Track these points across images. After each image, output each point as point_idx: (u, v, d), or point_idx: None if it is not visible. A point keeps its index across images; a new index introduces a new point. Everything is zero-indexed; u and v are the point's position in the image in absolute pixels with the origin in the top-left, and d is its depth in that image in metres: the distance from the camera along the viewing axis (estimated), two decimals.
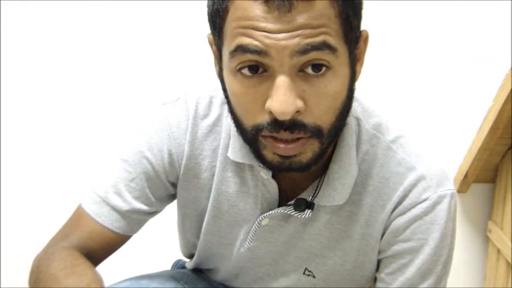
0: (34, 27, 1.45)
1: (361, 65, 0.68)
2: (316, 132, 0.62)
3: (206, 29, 0.68)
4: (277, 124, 0.60)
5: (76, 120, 1.50)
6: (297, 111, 0.59)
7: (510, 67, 1.16)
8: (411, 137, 0.76)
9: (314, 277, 0.80)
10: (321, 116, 0.61)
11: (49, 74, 1.48)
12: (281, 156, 0.64)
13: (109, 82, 1.48)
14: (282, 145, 0.62)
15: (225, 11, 0.59)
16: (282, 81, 0.58)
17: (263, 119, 0.61)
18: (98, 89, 1.49)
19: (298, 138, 0.62)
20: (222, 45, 0.62)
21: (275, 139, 0.62)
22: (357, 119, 0.75)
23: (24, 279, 0.76)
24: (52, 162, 1.53)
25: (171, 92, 0.81)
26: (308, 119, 0.61)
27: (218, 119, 0.77)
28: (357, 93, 0.74)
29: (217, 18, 0.61)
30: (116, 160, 0.79)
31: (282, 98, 0.58)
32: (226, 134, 0.76)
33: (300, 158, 0.64)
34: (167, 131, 0.77)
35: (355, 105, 0.75)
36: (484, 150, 1.32)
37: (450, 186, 0.74)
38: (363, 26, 0.66)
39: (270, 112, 0.59)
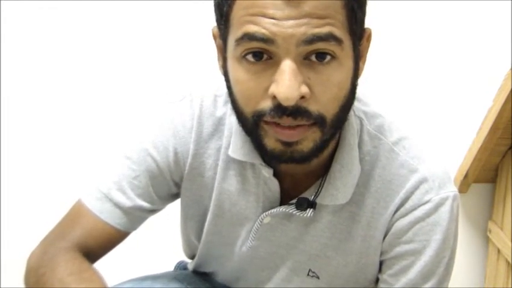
0: (35, 27, 1.44)
1: (363, 63, 0.69)
2: (319, 120, 0.62)
3: (209, 28, 0.69)
4: (280, 109, 0.60)
5: (78, 120, 1.50)
6: (302, 98, 0.59)
7: (510, 67, 1.16)
8: (414, 138, 0.76)
9: (318, 278, 0.80)
10: (326, 104, 0.61)
11: (52, 72, 1.47)
12: (283, 144, 0.63)
13: (113, 81, 1.47)
14: (285, 130, 0.62)
15: None
16: (287, 66, 0.58)
17: (266, 105, 0.61)
18: (102, 88, 1.48)
19: (301, 125, 0.62)
20: (227, 34, 0.63)
21: (277, 125, 0.62)
22: (360, 119, 0.75)
23: None
24: (53, 162, 1.52)
25: (176, 90, 0.81)
26: (312, 107, 0.61)
27: (222, 118, 0.77)
28: (360, 93, 0.74)
29: (225, 6, 0.61)
30: (120, 157, 0.79)
31: (287, 83, 0.57)
32: (229, 132, 0.76)
33: (301, 147, 0.63)
34: (173, 130, 0.77)
35: (358, 105, 0.75)
36: (484, 150, 1.32)
37: (452, 188, 0.74)
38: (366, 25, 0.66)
39: (274, 98, 0.59)
